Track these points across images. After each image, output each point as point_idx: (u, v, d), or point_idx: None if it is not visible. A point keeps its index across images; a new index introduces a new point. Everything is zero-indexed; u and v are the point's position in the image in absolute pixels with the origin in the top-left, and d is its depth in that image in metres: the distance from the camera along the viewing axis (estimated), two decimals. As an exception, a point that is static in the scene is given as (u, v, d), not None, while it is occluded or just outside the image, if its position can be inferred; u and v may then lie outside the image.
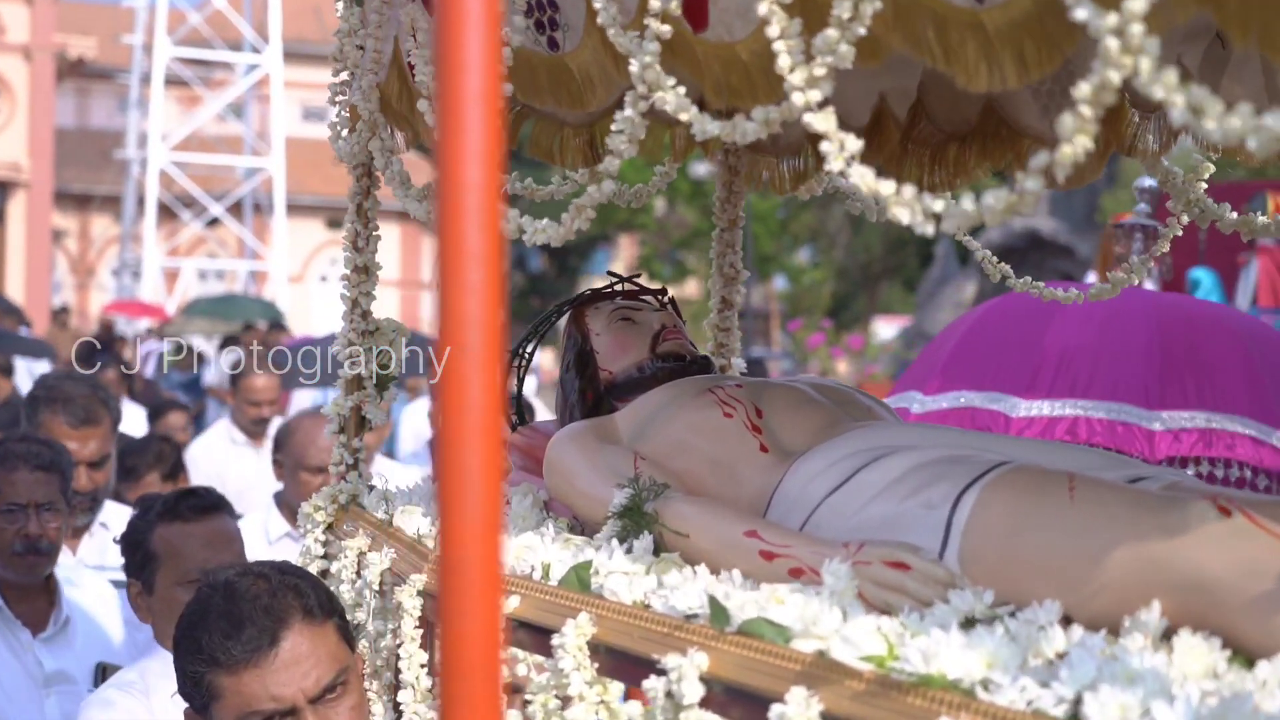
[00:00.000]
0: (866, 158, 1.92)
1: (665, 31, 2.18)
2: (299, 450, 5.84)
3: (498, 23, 1.29)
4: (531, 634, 2.52)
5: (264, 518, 6.01)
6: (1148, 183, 5.40)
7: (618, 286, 3.46)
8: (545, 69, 2.77)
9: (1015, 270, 3.65)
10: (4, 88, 34.44)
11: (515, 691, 3.05)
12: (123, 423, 5.92)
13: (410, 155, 3.50)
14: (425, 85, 2.89)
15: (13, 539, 4.27)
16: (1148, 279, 11.91)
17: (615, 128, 2.27)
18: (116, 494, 5.70)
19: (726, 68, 2.33)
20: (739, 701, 2.10)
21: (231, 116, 39.55)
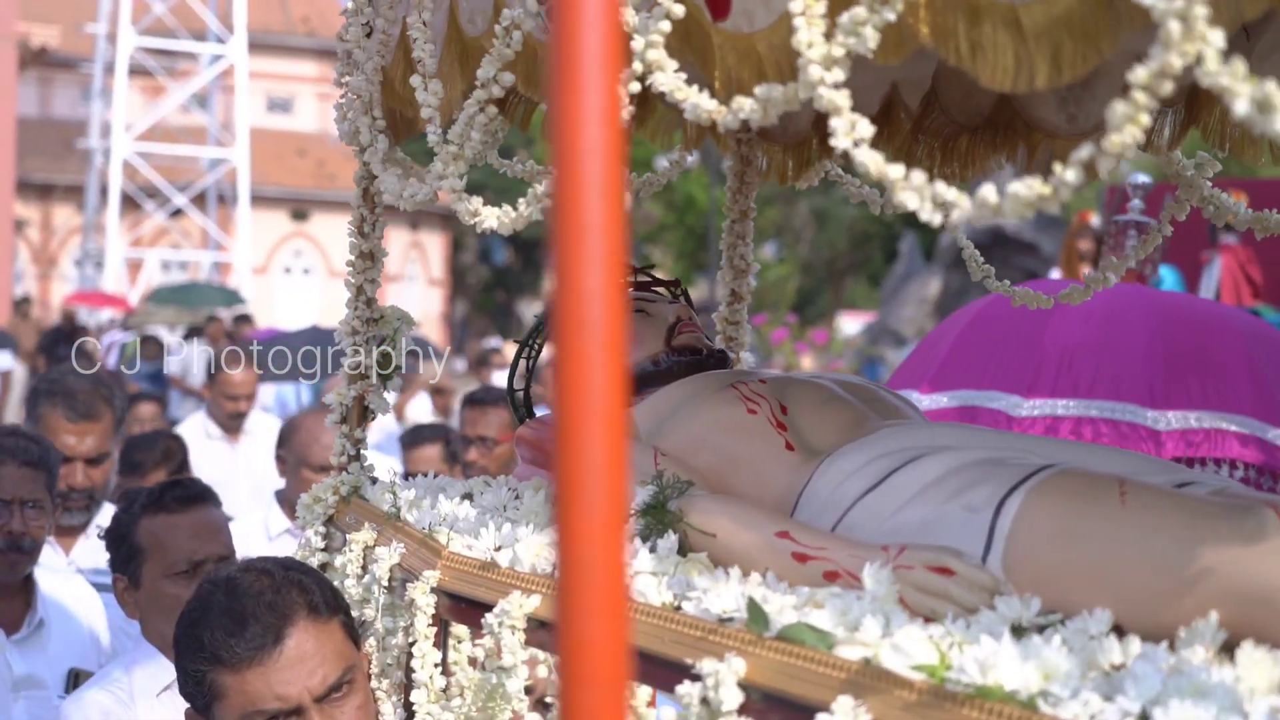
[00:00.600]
0: (875, 147, 1.82)
1: (679, 11, 2.09)
2: (302, 447, 5.76)
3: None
4: (554, 634, 2.43)
5: (264, 514, 5.94)
6: (1141, 179, 5.34)
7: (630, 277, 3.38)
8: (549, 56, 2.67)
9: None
10: (-34, 76, 34.20)
11: (528, 693, 2.96)
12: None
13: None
14: (422, 62, 2.81)
15: None
16: (1113, 276, 11.96)
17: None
18: (120, 489, 5.59)
19: (740, 60, 2.22)
20: (778, 709, 2.03)
21: (196, 107, 39.46)
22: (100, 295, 31.75)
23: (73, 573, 4.83)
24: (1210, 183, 3.27)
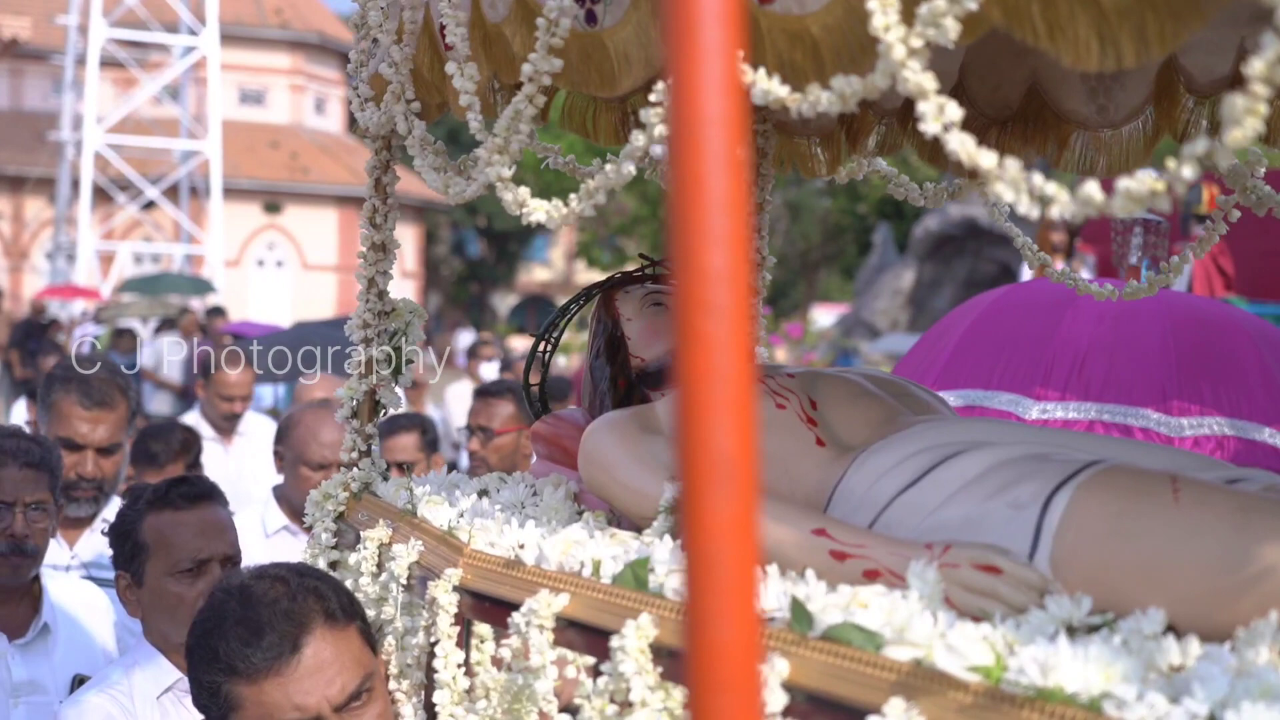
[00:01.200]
0: (903, 144, 1.77)
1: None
2: (300, 445, 5.67)
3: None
4: (583, 635, 2.38)
5: (261, 511, 5.85)
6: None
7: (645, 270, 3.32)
8: (576, 46, 2.59)
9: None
10: (-64, 67, 34.02)
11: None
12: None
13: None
14: (456, 48, 2.74)
15: None
16: (1084, 269, 11.89)
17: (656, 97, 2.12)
18: (134, 479, 5.51)
19: (792, 43, 2.17)
20: (824, 711, 1.97)
21: (168, 99, 39.28)
22: (72, 288, 31.57)
23: (81, 575, 4.74)
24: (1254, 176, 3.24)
